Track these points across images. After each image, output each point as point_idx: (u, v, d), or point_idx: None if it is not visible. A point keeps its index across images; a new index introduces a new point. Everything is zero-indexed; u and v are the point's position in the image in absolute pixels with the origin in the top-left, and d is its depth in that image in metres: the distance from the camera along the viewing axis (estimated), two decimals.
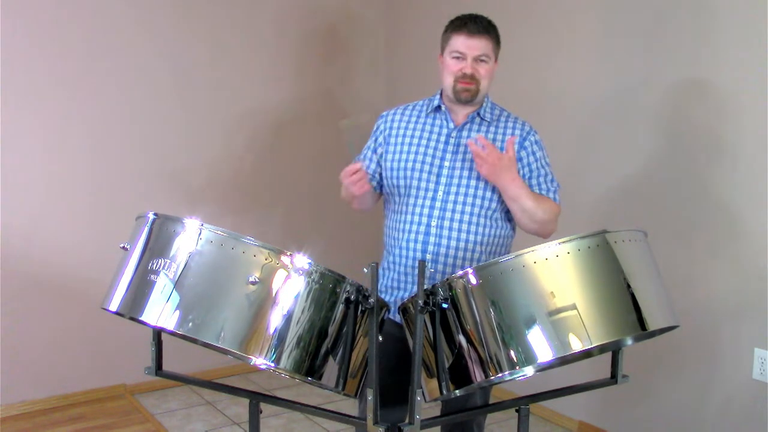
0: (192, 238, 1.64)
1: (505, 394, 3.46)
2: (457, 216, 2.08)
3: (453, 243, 2.07)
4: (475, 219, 2.08)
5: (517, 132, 2.16)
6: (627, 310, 1.61)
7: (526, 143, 2.15)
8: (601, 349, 1.79)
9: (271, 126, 3.86)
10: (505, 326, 1.60)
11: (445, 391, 1.70)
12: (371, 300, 1.68)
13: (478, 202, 2.08)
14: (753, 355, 2.65)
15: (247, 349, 1.60)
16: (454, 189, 2.09)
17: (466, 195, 2.08)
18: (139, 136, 3.63)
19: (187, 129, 3.77)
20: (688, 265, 2.83)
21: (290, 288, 1.63)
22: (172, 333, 1.67)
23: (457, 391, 1.70)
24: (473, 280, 1.63)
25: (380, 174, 2.21)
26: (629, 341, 1.83)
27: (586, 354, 1.80)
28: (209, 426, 3.36)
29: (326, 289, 1.67)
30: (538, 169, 2.15)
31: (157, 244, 1.69)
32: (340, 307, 1.69)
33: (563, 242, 1.60)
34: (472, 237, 2.08)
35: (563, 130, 3.30)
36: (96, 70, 3.49)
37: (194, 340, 1.69)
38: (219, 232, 1.63)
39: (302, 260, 1.65)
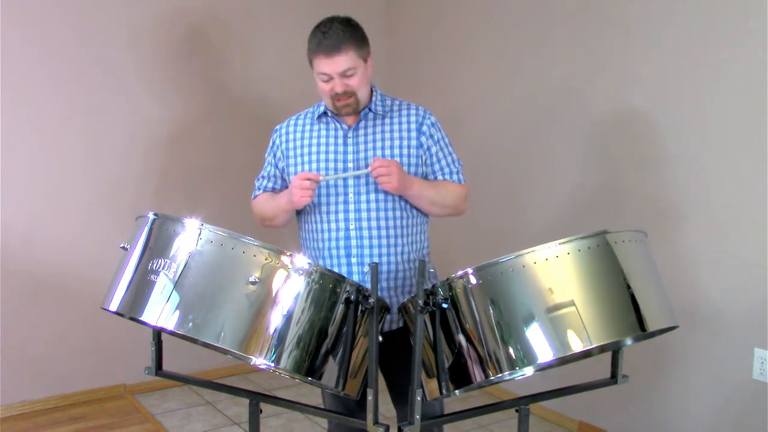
0: (192, 238, 1.64)
1: (505, 394, 3.46)
2: (373, 214, 2.07)
3: (375, 242, 2.07)
4: (390, 213, 2.08)
5: (413, 118, 2.14)
6: (626, 310, 1.61)
7: (424, 128, 2.13)
8: (601, 349, 1.79)
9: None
10: (504, 324, 1.60)
11: (445, 391, 1.71)
12: (371, 300, 1.68)
13: (390, 195, 2.07)
14: (753, 355, 2.65)
15: (247, 349, 1.60)
16: (363, 189, 2.07)
17: (377, 192, 2.07)
18: (138, 136, 3.63)
19: (188, 129, 3.77)
20: (687, 266, 2.83)
21: (290, 288, 1.63)
22: (172, 333, 1.67)
23: (457, 392, 1.70)
24: (473, 280, 1.63)
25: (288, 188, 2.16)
26: (629, 341, 1.83)
27: (586, 354, 1.80)
28: (209, 426, 3.36)
29: (326, 289, 1.67)
30: (440, 151, 2.16)
31: (157, 244, 1.69)
32: (340, 307, 1.69)
33: (563, 243, 1.60)
34: (392, 231, 2.08)
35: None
36: (94, 71, 3.49)
37: (194, 340, 1.69)
38: (219, 232, 1.63)
39: (302, 260, 1.65)
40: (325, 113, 2.14)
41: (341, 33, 1.99)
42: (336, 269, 2.06)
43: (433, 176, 2.16)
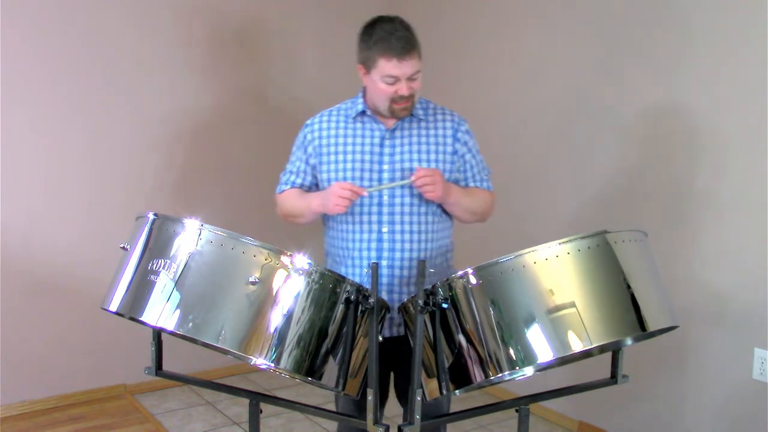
0: (192, 238, 1.64)
1: (505, 394, 3.46)
2: (407, 218, 2.06)
3: (407, 246, 2.06)
4: (423, 218, 2.08)
5: (448, 124, 2.13)
6: (627, 310, 1.62)
7: (459, 135, 2.13)
8: (601, 348, 1.79)
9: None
10: (505, 325, 1.60)
11: (445, 391, 1.71)
12: (371, 300, 1.68)
13: (424, 199, 2.06)
14: (753, 355, 2.65)
15: (247, 349, 1.61)
16: (398, 192, 2.06)
17: (411, 196, 2.06)
18: (139, 135, 3.63)
19: (187, 128, 3.77)
20: (688, 266, 2.83)
21: (290, 288, 1.63)
22: (172, 333, 1.68)
23: (457, 392, 1.70)
24: (473, 280, 1.63)
25: (317, 186, 2.16)
26: (629, 341, 1.83)
27: (586, 354, 1.80)
28: (209, 426, 3.36)
29: (326, 289, 1.67)
30: (473, 159, 2.17)
31: (157, 245, 1.69)
32: (340, 307, 1.69)
33: (563, 242, 1.61)
34: (423, 236, 2.08)
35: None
36: (94, 70, 3.48)
37: (194, 340, 1.69)
38: (219, 233, 1.63)
39: (302, 260, 1.65)
40: (363, 112, 2.10)
41: (408, 35, 1.97)
42: (365, 271, 2.05)
43: (464, 183, 2.16)
